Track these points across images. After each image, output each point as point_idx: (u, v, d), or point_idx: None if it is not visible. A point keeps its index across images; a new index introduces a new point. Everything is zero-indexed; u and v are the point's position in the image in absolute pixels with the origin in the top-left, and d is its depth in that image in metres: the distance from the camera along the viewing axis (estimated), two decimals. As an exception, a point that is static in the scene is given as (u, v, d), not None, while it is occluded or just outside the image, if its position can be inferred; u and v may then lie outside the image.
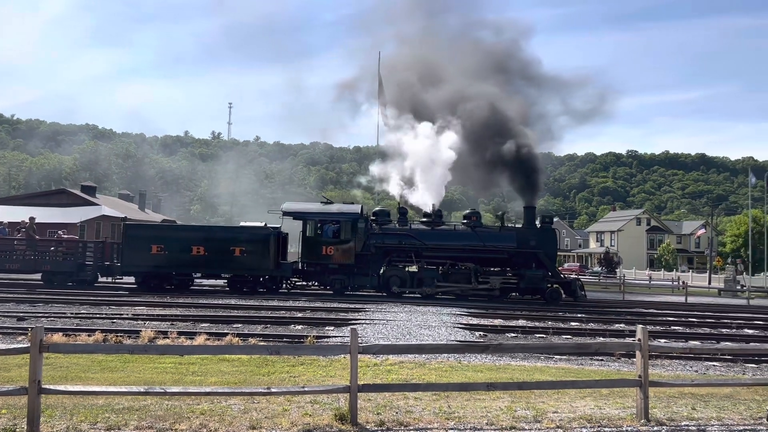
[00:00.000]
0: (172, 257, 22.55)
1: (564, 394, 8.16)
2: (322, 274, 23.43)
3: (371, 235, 23.55)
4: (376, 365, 10.09)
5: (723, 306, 25.19)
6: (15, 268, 23.25)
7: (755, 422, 7.01)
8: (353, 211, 23.96)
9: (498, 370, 10.30)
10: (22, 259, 23.23)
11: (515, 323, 16.54)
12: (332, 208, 24.39)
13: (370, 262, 23.33)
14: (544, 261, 23.46)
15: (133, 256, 22.71)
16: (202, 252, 22.56)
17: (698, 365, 11.69)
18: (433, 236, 23.72)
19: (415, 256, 23.35)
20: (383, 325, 15.04)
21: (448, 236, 24.10)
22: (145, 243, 22.60)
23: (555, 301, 22.75)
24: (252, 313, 17.16)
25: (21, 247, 23.53)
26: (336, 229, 23.26)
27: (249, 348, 8.71)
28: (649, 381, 7.03)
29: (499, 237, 23.90)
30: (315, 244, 23.22)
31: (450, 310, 18.70)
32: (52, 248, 23.89)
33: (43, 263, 23.30)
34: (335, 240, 23.14)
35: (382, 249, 23.41)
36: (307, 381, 8.83)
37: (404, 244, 23.56)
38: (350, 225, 23.28)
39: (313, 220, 23.48)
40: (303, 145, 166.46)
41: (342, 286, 23.20)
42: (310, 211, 24.06)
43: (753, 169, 54.55)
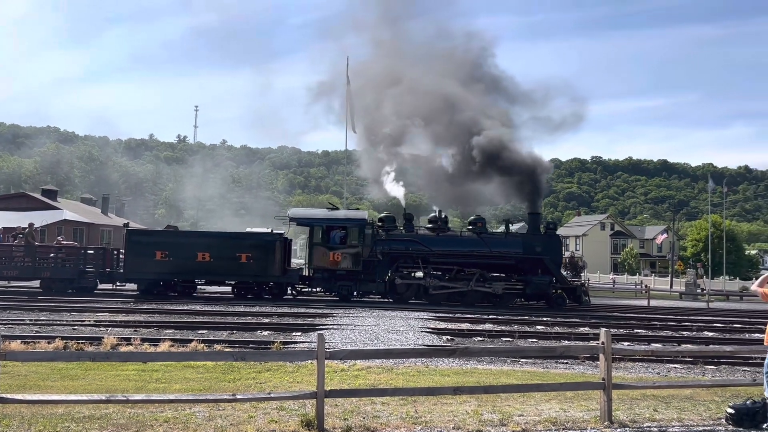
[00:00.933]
0: (177, 264, 22.24)
1: (530, 397, 8.23)
2: (329, 280, 23.18)
3: (378, 242, 23.43)
4: (343, 370, 10.04)
5: (684, 309, 25.76)
6: (13, 275, 22.73)
7: (714, 423, 7.17)
8: (361, 217, 23.96)
9: (465, 374, 10.34)
10: (21, 265, 22.64)
11: (482, 327, 16.67)
12: (339, 214, 24.26)
13: (377, 269, 23.18)
14: (551, 267, 23.51)
15: (136, 262, 22.34)
16: (208, 258, 22.26)
17: (660, 367, 11.93)
18: (439, 242, 23.70)
19: (423, 262, 23.25)
20: (351, 330, 15.00)
21: (455, 242, 24.06)
22: (149, 249, 22.26)
23: (560, 307, 22.88)
24: (218, 319, 16.96)
25: (19, 254, 22.96)
26: (343, 235, 23.08)
27: (214, 354, 8.60)
28: (612, 384, 7.13)
29: (505, 243, 23.94)
30: (322, 250, 23.01)
31: (418, 315, 18.74)
32: (52, 254, 23.34)
33: (42, 270, 22.73)
34: (342, 246, 22.95)
35: (389, 255, 23.27)
36: (273, 387, 8.75)
37: (411, 251, 23.47)
38: (357, 231, 23.13)
39: (320, 227, 23.27)
40: (271, 149, 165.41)
41: (349, 292, 23.04)
42: (317, 217, 23.92)
43: (712, 175, 56.02)
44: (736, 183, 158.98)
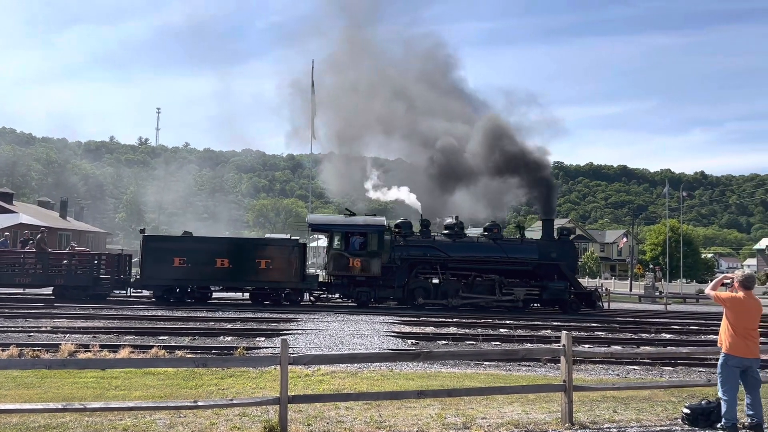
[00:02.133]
0: (196, 270, 22.03)
1: (492, 399, 8.31)
2: (348, 286, 23.08)
3: (396, 247, 23.46)
4: (307, 375, 9.99)
5: (643, 311, 26.30)
6: (26, 282, 22.27)
7: (671, 423, 7.34)
8: (380, 223, 23.79)
9: (429, 377, 10.39)
10: (33, 272, 22.22)
11: (446, 330, 16.76)
12: (358, 220, 24.03)
13: (396, 274, 23.19)
14: (566, 273, 23.82)
15: (154, 268, 22.01)
16: (227, 264, 22.10)
17: (620, 369, 12.15)
18: (456, 248, 23.74)
19: (440, 268, 23.32)
20: (315, 335, 14.92)
21: (472, 248, 24.07)
22: (167, 255, 21.98)
23: (574, 312, 23.18)
24: (179, 324, 16.69)
25: (31, 261, 22.52)
26: (362, 241, 23.04)
27: (175, 361, 8.46)
28: (573, 385, 7.25)
29: (521, 249, 24.10)
30: (342, 256, 22.96)
31: (383, 319, 18.75)
32: (65, 261, 22.85)
33: (55, 277, 22.29)
34: (362, 252, 22.90)
35: (407, 261, 23.33)
36: (236, 393, 8.66)
37: (429, 256, 23.51)
38: (377, 237, 23.08)
39: (340, 233, 23.25)
40: (234, 152, 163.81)
41: (367, 298, 23.00)
42: (336, 224, 23.87)
43: (670, 180, 57.38)
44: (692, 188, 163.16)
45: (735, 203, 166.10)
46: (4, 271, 22.20)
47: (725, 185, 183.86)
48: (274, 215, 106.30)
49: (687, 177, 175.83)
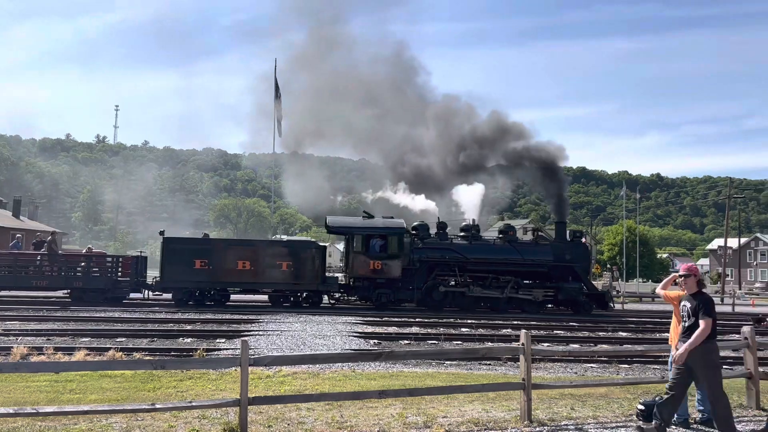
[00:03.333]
0: (217, 272, 21.96)
1: (453, 398, 8.37)
2: (369, 288, 23.13)
3: (415, 250, 23.67)
4: (268, 377, 9.92)
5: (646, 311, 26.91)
6: (43, 285, 21.94)
7: (626, 419, 7.50)
8: (400, 225, 23.95)
9: (391, 377, 10.41)
10: (51, 275, 21.89)
11: (409, 330, 16.82)
12: (378, 222, 24.09)
13: (415, 276, 23.26)
14: (581, 274, 24.19)
15: (174, 271, 21.91)
16: (248, 266, 22.10)
17: (578, 367, 12.38)
18: (473, 250, 23.99)
19: (459, 270, 23.51)
20: (277, 335, 14.82)
21: (489, 250, 24.36)
22: (188, 257, 21.90)
23: (587, 313, 23.51)
24: (137, 326, 16.37)
25: (46, 263, 22.12)
26: (383, 243, 23.16)
27: (133, 363, 8.30)
28: (531, 384, 7.35)
29: (536, 251, 24.41)
30: (362, 258, 23.00)
31: (345, 319, 18.72)
32: (83, 263, 22.46)
33: (74, 279, 21.94)
34: (383, 254, 23.02)
35: (426, 263, 23.46)
36: (195, 395, 8.54)
37: (447, 258, 23.66)
38: (397, 239, 23.22)
39: (361, 235, 23.27)
40: (195, 151, 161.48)
41: (388, 300, 23.09)
42: (356, 226, 23.80)
43: (627, 182, 58.64)
44: (649, 190, 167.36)
45: (689, 205, 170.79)
46: (21, 274, 21.84)
47: (680, 187, 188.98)
48: (235, 215, 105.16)
49: (644, 179, 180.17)
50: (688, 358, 6.42)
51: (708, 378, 6.44)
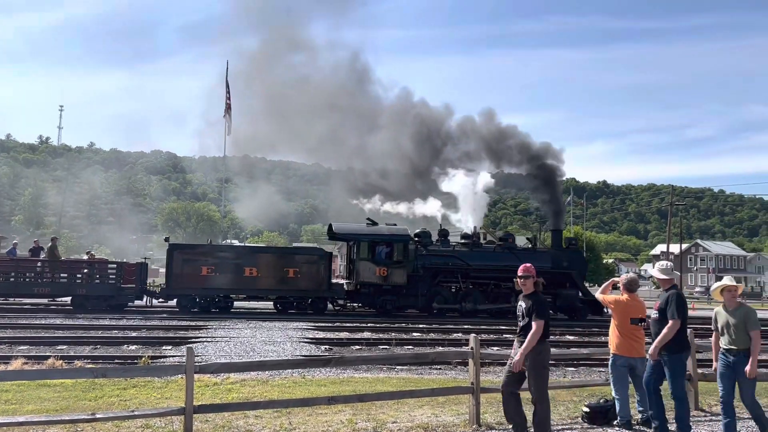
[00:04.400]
0: (224, 279, 21.84)
1: (403, 403, 8.36)
2: (375, 295, 23.18)
3: (419, 257, 23.88)
4: (216, 384, 9.73)
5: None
6: (45, 293, 21.46)
7: (572, 421, 7.64)
8: (405, 232, 24.32)
9: (341, 383, 10.34)
10: (52, 282, 21.32)
11: (360, 335, 16.76)
12: (383, 229, 24.34)
13: (419, 283, 23.34)
14: (577, 281, 24.66)
15: (181, 277, 21.72)
16: (255, 273, 22.12)
17: (526, 370, 12.53)
18: (475, 257, 24.27)
19: (461, 276, 23.75)
20: (226, 342, 14.56)
21: (490, 257, 24.67)
22: (195, 264, 21.83)
23: (583, 319, 23.91)
24: (80, 333, 15.85)
25: (47, 269, 21.57)
26: (388, 250, 23.33)
27: (73, 371, 8.02)
28: (480, 387, 7.42)
29: (536, 258, 24.48)
30: (368, 265, 23.11)
31: (296, 325, 18.54)
32: (86, 270, 21.92)
33: (77, 287, 21.45)
34: (388, 261, 23.20)
35: (430, 270, 23.60)
36: (139, 404, 8.30)
37: (451, 265, 23.86)
38: (402, 246, 23.46)
39: (366, 242, 23.43)
40: (143, 153, 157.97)
41: (393, 306, 23.26)
42: (363, 233, 23.90)
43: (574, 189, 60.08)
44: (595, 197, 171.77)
45: (634, 211, 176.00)
46: (22, 281, 21.36)
47: (625, 194, 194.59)
48: (185, 219, 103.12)
49: (590, 186, 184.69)
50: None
51: (535, 378, 6.42)
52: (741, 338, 6.58)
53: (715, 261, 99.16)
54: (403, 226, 25.19)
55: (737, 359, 6.59)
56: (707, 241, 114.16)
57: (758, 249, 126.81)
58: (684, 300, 6.94)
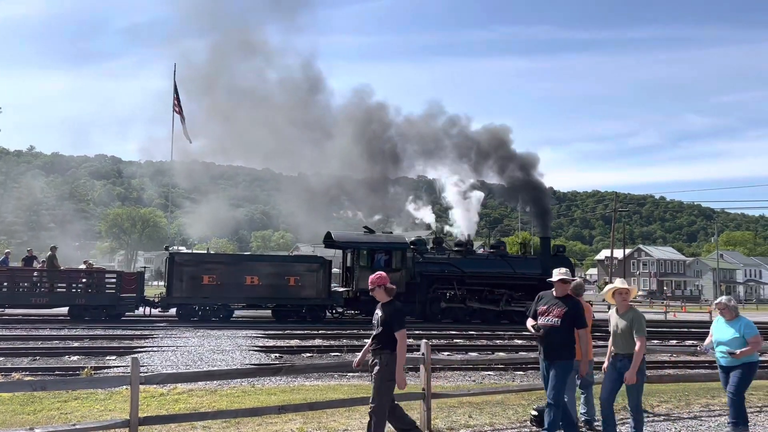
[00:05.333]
0: (225, 288, 21.79)
1: (355, 410, 8.32)
2: (374, 302, 22.50)
3: (416, 264, 24.23)
4: (162, 395, 9.49)
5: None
6: (43, 303, 20.88)
7: (521, 425, 7.75)
8: (403, 240, 24.92)
9: (292, 391, 10.23)
10: (50, 292, 20.87)
11: (311, 343, 16.63)
12: (381, 237, 24.79)
13: (417, 290, 23.46)
14: None
15: (182, 287, 21.57)
16: (256, 282, 22.08)
17: (476, 375, 12.70)
18: (470, 264, 24.79)
19: (457, 283, 23.99)
20: (172, 351, 14.22)
21: (484, 264, 25.33)
22: (196, 273, 21.70)
23: None
24: (18, 343, 15.22)
25: (45, 279, 21.16)
26: (387, 258, 23.67)
27: (9, 385, 7.68)
28: (431, 393, 7.46)
29: (526, 265, 25.66)
30: (368, 273, 22.54)
31: (246, 333, 18.26)
32: (84, 280, 21.56)
33: (76, 296, 21.07)
34: (388, 269, 23.02)
35: (427, 277, 23.77)
36: (81, 417, 8.02)
37: (447, 272, 24.14)
38: (401, 254, 23.93)
39: (366, 250, 23.87)
40: (86, 158, 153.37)
41: None
42: (362, 241, 24.29)
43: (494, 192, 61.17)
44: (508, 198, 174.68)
45: (579, 217, 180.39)
46: (19, 291, 20.85)
47: (571, 200, 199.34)
48: (130, 225, 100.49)
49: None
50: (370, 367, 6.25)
51: (378, 389, 6.16)
52: (628, 343, 6.59)
53: (656, 265, 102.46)
54: (401, 234, 26.14)
55: (623, 364, 6.61)
56: (649, 246, 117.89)
57: (697, 254, 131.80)
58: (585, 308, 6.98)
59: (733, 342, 7.12)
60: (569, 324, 6.45)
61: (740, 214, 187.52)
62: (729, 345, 7.14)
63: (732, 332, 7.16)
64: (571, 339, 6.49)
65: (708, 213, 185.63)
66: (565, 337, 6.46)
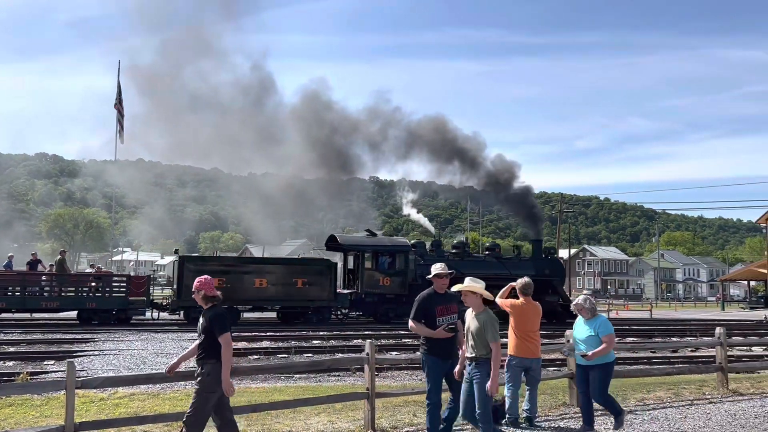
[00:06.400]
0: (235, 290, 21.82)
1: (300, 412, 8.32)
2: (379, 303, 23.75)
3: (418, 266, 24.71)
4: (102, 400, 9.28)
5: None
6: (54, 306, 21.20)
7: (463, 422, 7.85)
8: (406, 243, 25.68)
9: (238, 394, 10.08)
10: (60, 296, 21.08)
11: (259, 345, 16.49)
12: (384, 240, 25.82)
13: (419, 292, 23.23)
14: (558, 287, 26.17)
15: (191, 290, 19.67)
16: (265, 284, 22.47)
17: (422, 374, 12.79)
18: (467, 266, 24.83)
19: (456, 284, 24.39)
20: (114, 355, 13.91)
21: (481, 265, 25.94)
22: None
23: (562, 323, 24.84)
24: (-51, 350, 14.61)
25: (54, 283, 21.42)
26: (391, 261, 24.37)
27: (-62, 392, 7.39)
28: (376, 392, 7.50)
29: (521, 266, 26.19)
30: (372, 275, 23.84)
31: (191, 336, 17.96)
32: (93, 284, 21.85)
33: (87, 300, 21.28)
34: (391, 271, 24.25)
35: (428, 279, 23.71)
36: (14, 424, 7.78)
37: None
38: (404, 257, 24.55)
39: (371, 253, 24.38)
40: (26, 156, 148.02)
41: (395, 314, 23.70)
42: (368, 244, 24.97)
43: (471, 197, 62.00)
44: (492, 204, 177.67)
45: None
46: (30, 295, 20.96)
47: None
48: (72, 227, 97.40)
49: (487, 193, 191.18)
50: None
51: (197, 399, 5.89)
52: (478, 346, 6.47)
53: (600, 265, 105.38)
54: (403, 237, 26.80)
55: (472, 367, 6.46)
56: (594, 246, 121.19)
57: (639, 253, 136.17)
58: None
59: (589, 341, 7.24)
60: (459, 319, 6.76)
61: (680, 215, 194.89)
62: (586, 344, 7.26)
63: (588, 331, 7.29)
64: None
65: (650, 214, 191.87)
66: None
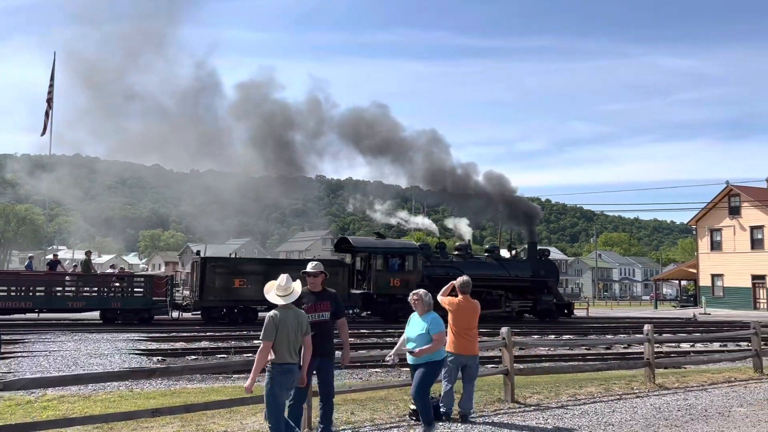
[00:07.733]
0: (255, 290, 22.04)
1: (236, 412, 8.22)
2: (388, 303, 24.71)
3: (425, 267, 25.64)
4: (29, 402, 8.95)
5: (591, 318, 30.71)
6: (80, 306, 21.55)
7: (400, 419, 7.94)
8: (414, 245, 26.84)
9: (173, 395, 9.94)
10: (87, 296, 21.54)
11: (198, 345, 16.22)
12: (394, 242, 26.98)
13: None
14: (553, 287, 27.37)
15: (214, 290, 22.44)
16: None
17: (363, 373, 12.88)
18: (470, 267, 25.81)
19: None
20: (44, 356, 13.42)
21: (483, 267, 27.10)
22: (228, 277, 22.70)
23: (555, 320, 27.02)
24: None
25: (78, 284, 21.97)
26: (400, 262, 25.25)
27: None
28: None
29: (519, 267, 27.64)
30: (383, 276, 24.48)
31: (128, 336, 17.52)
32: (117, 284, 22.34)
33: (111, 300, 21.77)
34: (401, 272, 25.13)
35: (434, 280, 24.27)
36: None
37: (451, 275, 24.79)
38: (413, 258, 25.41)
39: (382, 255, 25.17)
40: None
41: (402, 314, 23.28)
42: (379, 246, 25.79)
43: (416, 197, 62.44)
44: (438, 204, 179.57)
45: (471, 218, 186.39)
46: (56, 295, 21.20)
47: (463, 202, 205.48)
48: (3, 223, 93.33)
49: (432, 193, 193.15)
50: None
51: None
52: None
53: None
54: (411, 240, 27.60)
55: None
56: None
57: (578, 253, 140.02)
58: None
59: (420, 338, 7.15)
60: (334, 317, 6.95)
61: (617, 216, 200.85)
62: (416, 341, 7.18)
63: (420, 328, 7.25)
64: (334, 332, 7.01)
65: (589, 215, 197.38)
66: (333, 330, 6.98)
